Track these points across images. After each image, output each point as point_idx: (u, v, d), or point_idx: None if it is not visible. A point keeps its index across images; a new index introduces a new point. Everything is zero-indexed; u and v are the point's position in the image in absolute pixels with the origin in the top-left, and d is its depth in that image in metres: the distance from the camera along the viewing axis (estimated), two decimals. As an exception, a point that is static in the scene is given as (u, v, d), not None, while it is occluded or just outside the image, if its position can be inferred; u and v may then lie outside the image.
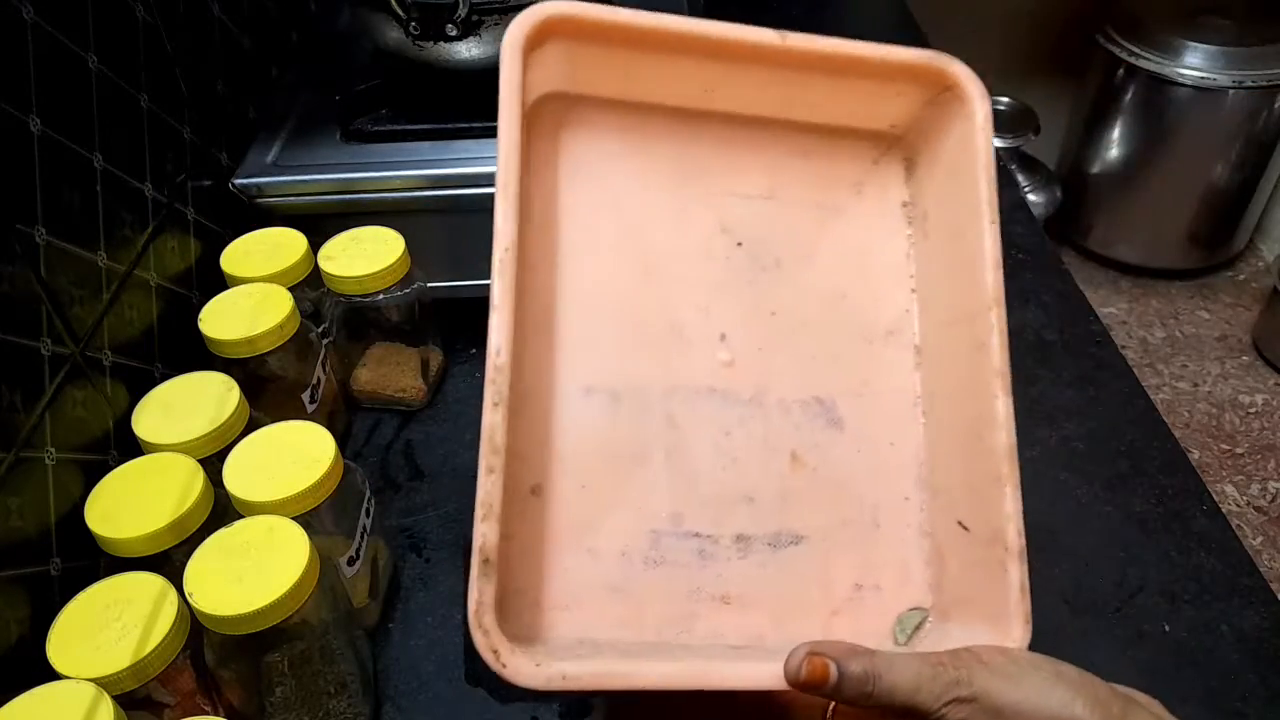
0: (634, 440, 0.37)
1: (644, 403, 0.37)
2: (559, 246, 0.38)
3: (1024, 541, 0.34)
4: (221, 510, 0.46)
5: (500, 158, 0.33)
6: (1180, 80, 1.68)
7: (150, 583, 0.41)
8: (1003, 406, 0.35)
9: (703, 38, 0.36)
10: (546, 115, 0.37)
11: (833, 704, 0.35)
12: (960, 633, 0.35)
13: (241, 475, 0.46)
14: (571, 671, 0.31)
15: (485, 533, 0.31)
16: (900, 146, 0.41)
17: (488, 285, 0.76)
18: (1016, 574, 0.34)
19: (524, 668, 0.31)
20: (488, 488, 0.31)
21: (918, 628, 0.37)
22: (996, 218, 0.36)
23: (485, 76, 0.67)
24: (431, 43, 0.64)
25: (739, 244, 0.40)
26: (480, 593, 0.31)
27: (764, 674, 0.31)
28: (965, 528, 0.36)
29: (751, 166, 0.40)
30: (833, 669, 0.30)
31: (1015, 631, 0.33)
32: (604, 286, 0.38)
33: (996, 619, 0.34)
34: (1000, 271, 0.36)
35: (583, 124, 0.38)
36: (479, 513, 0.31)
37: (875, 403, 0.39)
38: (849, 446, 0.39)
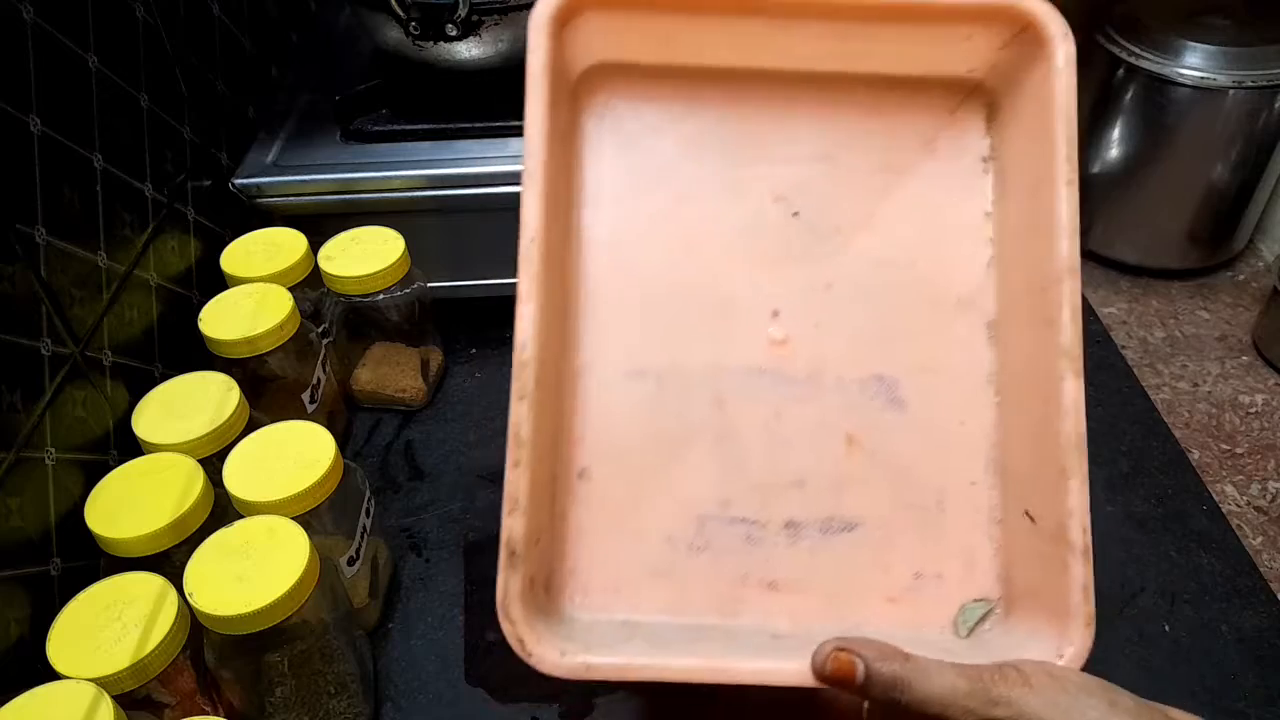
0: (680, 424, 0.36)
1: (690, 385, 0.36)
2: (600, 226, 0.37)
3: (1089, 539, 0.32)
4: (221, 510, 0.46)
5: (527, 143, 0.32)
6: (1180, 80, 1.68)
7: (150, 583, 0.41)
8: (1071, 390, 0.32)
9: None
10: (585, 90, 0.36)
11: (866, 704, 0.34)
12: (1024, 629, 0.34)
13: (241, 475, 0.46)
14: (595, 663, 0.31)
15: (511, 526, 0.31)
16: (981, 93, 0.38)
17: (488, 285, 0.75)
18: (1080, 573, 0.32)
19: (549, 656, 0.30)
20: (514, 480, 0.31)
21: (981, 620, 0.35)
22: (1075, 177, 0.33)
23: (485, 76, 0.67)
24: (431, 43, 0.64)
25: (795, 213, 0.37)
26: (506, 584, 0.31)
27: (790, 671, 0.31)
28: (1032, 519, 0.34)
29: (809, 127, 0.38)
30: (859, 667, 0.29)
31: (1076, 634, 0.32)
32: (649, 265, 0.37)
33: (1058, 618, 0.32)
34: (1076, 240, 0.33)
35: (624, 96, 0.37)
36: (506, 505, 0.31)
37: (943, 380, 0.37)
38: (911, 428, 0.37)
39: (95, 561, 0.46)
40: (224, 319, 0.54)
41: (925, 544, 0.36)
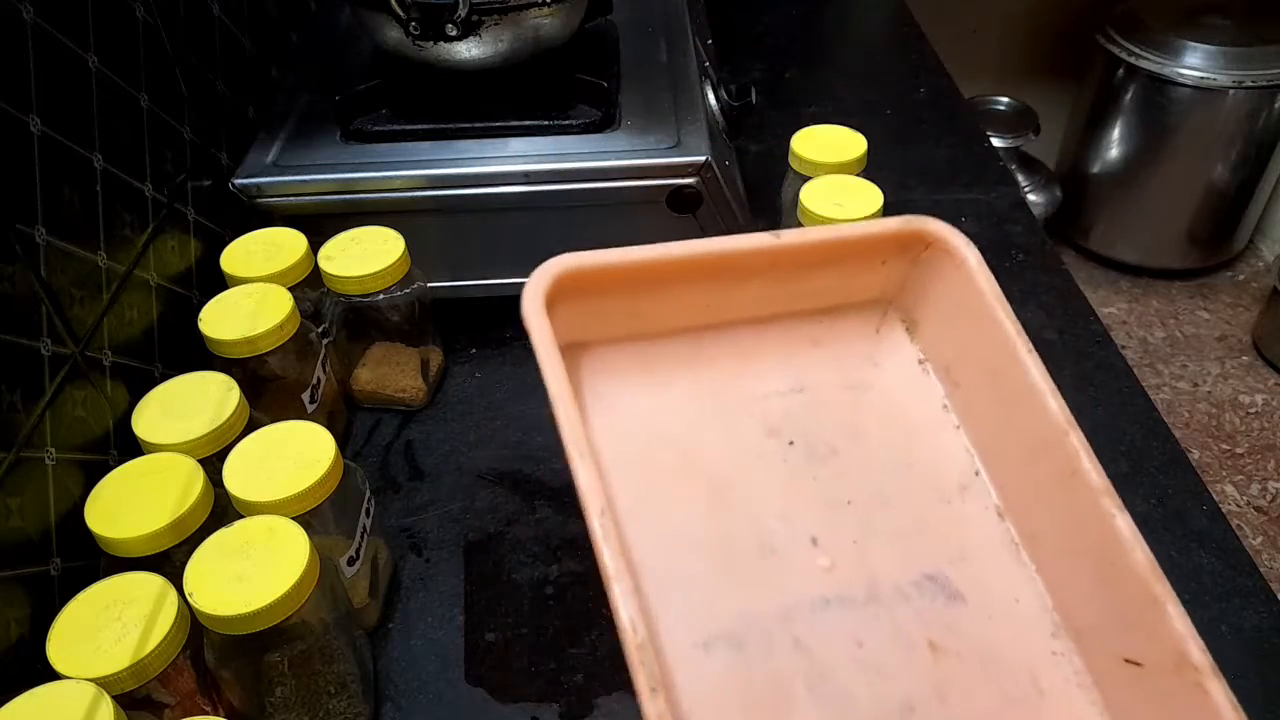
0: (772, 683, 0.35)
1: (767, 638, 0.35)
2: (619, 498, 0.36)
3: (1210, 657, 0.31)
4: (221, 510, 0.46)
5: (561, 419, 0.32)
6: (1180, 80, 1.68)
7: (150, 583, 0.41)
8: (1124, 524, 0.33)
9: (705, 255, 0.36)
10: (568, 369, 0.36)
11: None
12: None
13: (241, 475, 0.46)
14: None
15: None
16: (895, 309, 0.41)
17: (488, 285, 0.75)
18: (1220, 691, 0.31)
19: None
20: None
21: None
22: (1032, 347, 0.36)
23: (485, 76, 0.67)
24: (431, 43, 0.64)
25: (790, 443, 0.39)
26: None
27: None
28: (1137, 663, 0.34)
29: (771, 366, 0.40)
30: None
31: None
32: (677, 528, 0.36)
33: None
34: (1060, 397, 0.35)
35: (604, 371, 0.38)
36: None
37: (981, 563, 0.38)
38: (979, 617, 0.37)
39: (95, 561, 0.46)
40: (224, 319, 0.54)
41: None
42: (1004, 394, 0.37)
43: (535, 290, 0.33)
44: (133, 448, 0.49)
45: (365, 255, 0.59)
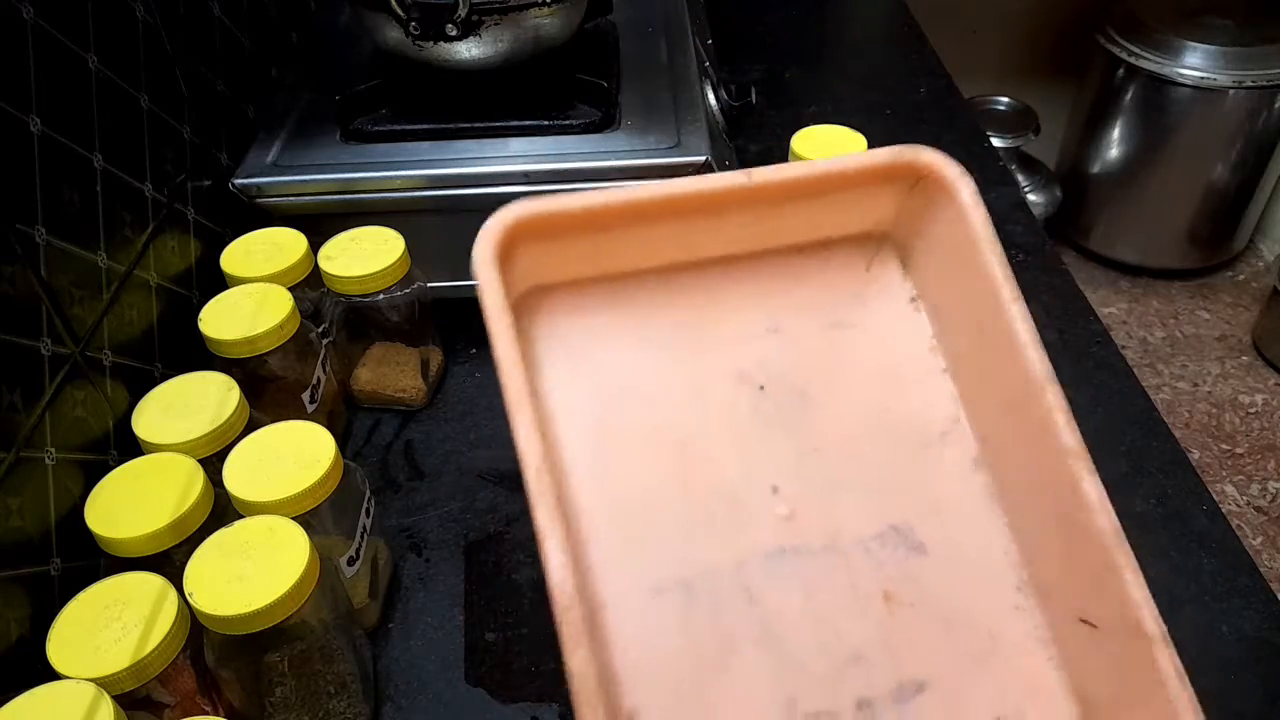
0: (719, 632, 0.34)
1: (717, 587, 0.35)
2: (577, 447, 0.35)
3: (1163, 626, 0.31)
4: (221, 510, 0.46)
5: (504, 374, 0.31)
6: (1180, 80, 1.68)
7: (150, 583, 0.41)
8: (1091, 488, 0.33)
9: (672, 198, 0.34)
10: (525, 314, 0.36)
11: None
12: None
13: (241, 475, 0.46)
14: None
15: None
16: (889, 243, 0.39)
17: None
18: (1167, 661, 0.31)
19: None
20: None
21: None
22: (1019, 294, 0.35)
23: (485, 76, 0.67)
24: (431, 43, 0.64)
25: (760, 387, 0.38)
26: None
27: None
28: (1092, 624, 0.34)
29: (748, 305, 0.38)
30: None
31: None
32: (636, 476, 0.36)
33: (1160, 715, 0.31)
34: (1043, 350, 0.34)
35: (565, 312, 0.36)
36: None
37: (952, 514, 0.37)
38: (939, 570, 0.36)
39: (95, 561, 0.46)
40: (224, 319, 0.54)
41: (994, 685, 0.35)
42: (988, 340, 0.36)
43: (488, 238, 0.32)
44: (133, 448, 0.49)
45: (365, 255, 0.59)
